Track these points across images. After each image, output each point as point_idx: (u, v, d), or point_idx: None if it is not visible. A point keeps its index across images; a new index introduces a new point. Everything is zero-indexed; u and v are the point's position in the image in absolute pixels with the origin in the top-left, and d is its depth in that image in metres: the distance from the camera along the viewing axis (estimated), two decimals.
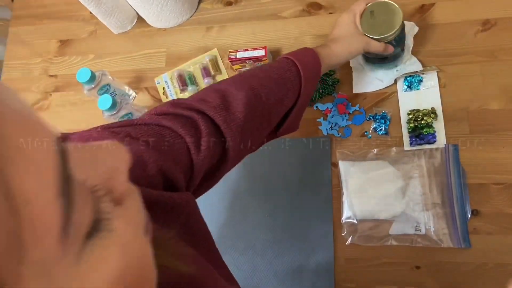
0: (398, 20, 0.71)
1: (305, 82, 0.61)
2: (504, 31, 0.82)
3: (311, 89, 0.64)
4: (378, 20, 0.72)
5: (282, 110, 0.62)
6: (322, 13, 0.93)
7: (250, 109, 0.54)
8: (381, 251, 0.76)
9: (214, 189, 0.85)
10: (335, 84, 0.86)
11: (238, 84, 0.57)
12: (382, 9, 0.72)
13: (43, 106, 1.02)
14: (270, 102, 0.58)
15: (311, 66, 0.63)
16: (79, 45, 1.05)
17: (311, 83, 0.63)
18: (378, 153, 0.80)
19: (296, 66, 0.61)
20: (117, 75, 0.98)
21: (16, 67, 1.08)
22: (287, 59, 0.63)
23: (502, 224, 0.73)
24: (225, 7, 0.99)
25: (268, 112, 0.58)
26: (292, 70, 0.61)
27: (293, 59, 0.62)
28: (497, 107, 0.78)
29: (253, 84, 0.57)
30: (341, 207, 0.79)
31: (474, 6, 0.84)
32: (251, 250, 0.81)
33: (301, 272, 0.78)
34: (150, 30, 1.02)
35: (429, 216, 0.75)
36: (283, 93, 0.60)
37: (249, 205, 0.84)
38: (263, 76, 0.60)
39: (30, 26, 1.10)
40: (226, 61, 0.94)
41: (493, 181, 0.75)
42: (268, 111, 0.58)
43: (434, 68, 0.81)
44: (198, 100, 0.52)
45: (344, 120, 0.84)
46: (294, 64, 0.62)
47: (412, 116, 0.80)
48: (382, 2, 0.73)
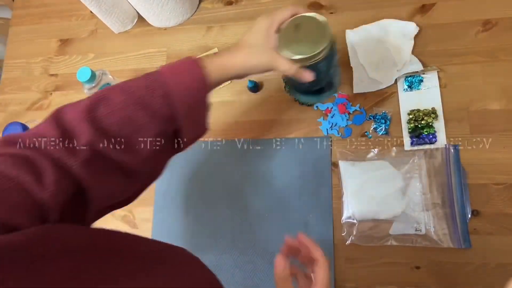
0: (323, 42, 0.56)
1: (179, 105, 0.51)
2: (505, 32, 0.82)
3: (196, 109, 0.53)
4: (301, 37, 0.58)
5: (146, 135, 0.51)
6: (323, 12, 0.93)
7: (95, 140, 0.47)
8: (381, 251, 0.76)
9: (214, 189, 0.86)
10: None
11: (84, 112, 0.48)
12: (310, 25, 0.58)
13: (43, 105, 1.02)
14: (124, 132, 0.49)
15: (187, 85, 0.51)
16: (80, 44, 1.05)
17: (189, 104, 0.52)
18: (378, 153, 0.80)
19: (165, 85, 0.50)
20: (118, 74, 0.98)
21: (17, 66, 1.08)
22: (154, 76, 0.51)
23: (503, 225, 0.73)
24: (225, 7, 0.99)
25: (123, 142, 0.49)
26: (155, 93, 0.50)
27: (162, 78, 0.51)
28: (497, 107, 0.78)
29: (101, 112, 0.48)
30: (341, 207, 0.79)
31: (475, 6, 0.84)
32: (251, 250, 0.81)
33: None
34: (150, 30, 1.02)
35: (429, 216, 0.75)
36: (142, 122, 0.50)
37: (249, 204, 0.83)
38: (118, 102, 0.49)
39: (31, 25, 1.11)
40: None
41: (494, 181, 0.75)
42: (120, 141, 0.49)
43: (435, 68, 0.81)
44: (34, 135, 0.46)
45: (344, 120, 0.84)
46: (162, 84, 0.50)
47: (412, 116, 0.80)
48: (311, 17, 0.59)
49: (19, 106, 1.04)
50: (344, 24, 0.90)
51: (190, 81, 0.51)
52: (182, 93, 0.51)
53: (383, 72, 0.85)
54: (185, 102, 0.51)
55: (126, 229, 0.87)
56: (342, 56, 0.88)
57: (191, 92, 0.51)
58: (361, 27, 0.89)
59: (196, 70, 0.52)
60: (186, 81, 0.51)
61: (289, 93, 0.64)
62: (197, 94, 0.52)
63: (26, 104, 1.03)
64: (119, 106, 0.49)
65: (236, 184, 0.85)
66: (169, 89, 0.50)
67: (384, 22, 0.88)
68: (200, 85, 0.52)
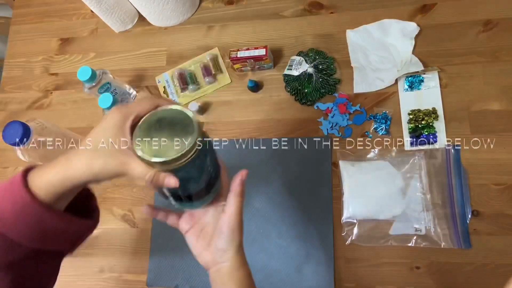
0: (190, 141, 0.44)
1: (11, 234, 0.43)
2: (506, 32, 0.82)
3: (40, 231, 0.44)
4: (163, 134, 0.46)
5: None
6: (323, 12, 0.93)
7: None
8: (381, 251, 0.76)
9: None
10: (336, 83, 0.86)
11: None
12: (175, 120, 0.47)
13: (43, 105, 1.02)
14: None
15: (11, 211, 0.43)
16: (80, 44, 1.05)
17: (23, 231, 0.43)
18: (378, 153, 0.80)
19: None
20: (118, 73, 0.98)
21: (17, 65, 1.08)
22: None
23: (502, 225, 0.73)
24: (226, 6, 0.99)
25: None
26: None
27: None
28: (498, 107, 0.78)
29: None
30: (341, 207, 0.79)
31: (476, 7, 0.84)
32: (251, 250, 0.81)
33: (301, 272, 0.78)
34: (151, 29, 1.02)
35: (429, 217, 0.75)
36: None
37: (249, 204, 0.83)
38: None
39: (31, 24, 1.11)
40: (227, 60, 0.94)
41: (494, 182, 0.75)
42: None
43: (435, 68, 0.81)
44: None
45: (344, 120, 0.84)
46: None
47: (413, 116, 0.80)
48: (177, 110, 0.47)
49: (19, 105, 1.04)
50: (345, 24, 0.90)
51: (11, 206, 0.43)
52: (9, 221, 0.43)
53: (383, 72, 0.85)
54: (16, 229, 0.43)
55: (126, 228, 0.87)
56: (342, 56, 0.88)
57: (19, 218, 0.43)
58: (362, 27, 0.89)
59: (18, 190, 0.43)
60: (8, 207, 0.43)
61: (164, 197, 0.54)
62: (26, 217, 0.43)
63: (26, 103, 1.03)
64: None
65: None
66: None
67: (385, 22, 0.88)
68: (27, 208, 0.43)
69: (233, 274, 0.53)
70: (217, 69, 0.93)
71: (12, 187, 0.43)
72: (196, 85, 0.93)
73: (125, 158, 0.44)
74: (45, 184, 0.44)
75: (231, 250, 0.53)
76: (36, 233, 0.44)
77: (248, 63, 0.89)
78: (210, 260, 0.53)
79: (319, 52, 0.89)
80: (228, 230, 0.52)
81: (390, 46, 0.86)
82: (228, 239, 0.52)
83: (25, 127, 0.75)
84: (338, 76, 0.87)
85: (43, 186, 0.43)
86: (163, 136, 0.45)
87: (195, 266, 0.82)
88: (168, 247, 0.85)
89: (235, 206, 0.53)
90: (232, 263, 0.53)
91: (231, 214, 0.53)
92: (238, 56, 0.87)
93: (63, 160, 0.45)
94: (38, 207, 0.43)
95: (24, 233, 0.43)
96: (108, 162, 0.44)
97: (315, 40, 0.91)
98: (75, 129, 0.89)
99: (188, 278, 0.82)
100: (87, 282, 0.86)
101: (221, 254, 0.53)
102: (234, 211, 0.53)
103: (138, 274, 0.85)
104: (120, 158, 0.44)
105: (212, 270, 0.54)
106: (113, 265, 0.87)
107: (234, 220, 0.53)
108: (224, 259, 0.53)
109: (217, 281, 0.53)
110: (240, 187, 0.53)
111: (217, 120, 0.91)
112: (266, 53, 0.85)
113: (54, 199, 0.44)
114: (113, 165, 0.44)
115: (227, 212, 0.53)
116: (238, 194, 0.53)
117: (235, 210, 0.53)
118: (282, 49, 0.92)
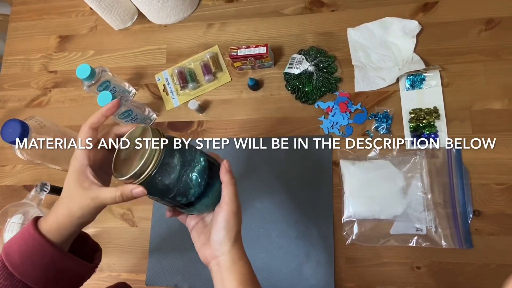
0: (149, 153, 0.47)
1: (25, 277, 0.49)
2: (508, 31, 0.81)
3: (54, 273, 0.50)
4: (130, 154, 0.49)
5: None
6: (324, 10, 0.92)
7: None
8: (382, 251, 0.76)
9: None
10: (337, 82, 0.86)
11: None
12: (139, 137, 0.50)
13: (42, 102, 1.02)
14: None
15: (27, 255, 0.49)
16: (79, 41, 1.05)
17: (38, 275, 0.49)
18: (379, 152, 0.80)
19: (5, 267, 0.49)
20: (117, 71, 0.97)
21: (16, 62, 1.07)
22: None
23: (504, 225, 0.72)
24: (226, 4, 0.98)
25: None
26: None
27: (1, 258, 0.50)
28: (500, 107, 0.78)
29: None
30: (342, 206, 0.79)
31: (478, 5, 0.84)
32: (251, 249, 0.80)
33: (301, 271, 0.77)
34: (150, 27, 1.01)
35: (430, 216, 0.74)
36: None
37: (249, 204, 0.83)
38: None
39: (30, 22, 1.10)
40: (227, 58, 0.93)
41: (495, 182, 0.75)
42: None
43: (437, 67, 0.81)
44: None
45: (345, 119, 0.83)
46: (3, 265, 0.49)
47: (414, 115, 0.79)
48: (141, 127, 0.51)
49: (18, 103, 1.03)
50: (346, 22, 0.90)
51: (27, 250, 0.49)
52: (25, 267, 0.49)
53: (385, 70, 0.84)
54: (33, 274, 0.49)
55: (125, 227, 0.87)
56: (343, 54, 0.88)
57: (33, 262, 0.49)
58: (363, 25, 0.88)
59: (29, 236, 0.50)
60: (24, 254, 0.49)
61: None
62: (41, 260, 0.49)
63: (25, 101, 1.03)
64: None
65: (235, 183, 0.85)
66: (11, 267, 0.48)
67: (386, 20, 0.87)
68: (41, 251, 0.49)
69: (232, 268, 0.52)
70: (217, 67, 0.93)
71: (24, 234, 0.50)
72: (196, 83, 0.93)
73: (92, 193, 0.49)
74: (50, 228, 0.50)
75: (227, 243, 0.52)
76: (50, 276, 0.50)
77: (249, 61, 0.88)
78: (209, 254, 0.53)
79: (320, 51, 0.88)
80: (222, 220, 0.52)
81: (391, 45, 0.86)
82: (223, 230, 0.52)
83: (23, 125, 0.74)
84: (339, 75, 0.87)
85: (49, 230, 0.50)
86: (130, 155, 0.49)
87: (194, 265, 0.82)
88: (167, 246, 0.84)
89: (227, 196, 0.53)
90: (230, 256, 0.52)
91: (224, 204, 0.53)
92: (238, 54, 0.86)
93: (56, 210, 0.51)
94: (51, 248, 0.49)
95: (40, 278, 0.49)
96: (81, 204, 0.49)
97: (316, 38, 0.91)
98: (74, 127, 0.88)
99: (187, 277, 0.82)
100: (86, 281, 0.86)
101: (218, 247, 0.52)
102: (227, 200, 0.52)
103: (137, 273, 0.85)
104: (89, 195, 0.49)
105: (211, 264, 0.53)
106: (112, 264, 0.86)
107: (228, 210, 0.52)
108: (221, 252, 0.52)
109: (216, 275, 0.53)
110: (226, 177, 0.53)
111: (217, 118, 0.91)
112: (267, 51, 0.85)
113: (63, 242, 0.51)
114: (87, 204, 0.49)
115: (221, 203, 0.53)
116: (227, 184, 0.53)
117: (228, 199, 0.52)
118: (282, 47, 0.92)
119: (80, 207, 0.49)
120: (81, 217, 0.50)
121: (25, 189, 0.96)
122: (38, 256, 0.49)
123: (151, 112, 0.92)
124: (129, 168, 0.48)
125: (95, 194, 0.49)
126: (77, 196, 0.49)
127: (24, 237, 0.50)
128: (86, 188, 0.49)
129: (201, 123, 0.91)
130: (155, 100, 0.95)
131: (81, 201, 0.49)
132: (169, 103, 0.94)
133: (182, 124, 0.92)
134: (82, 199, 0.49)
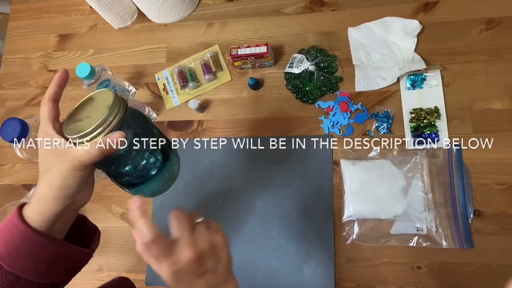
0: (112, 107, 0.48)
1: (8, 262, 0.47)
2: (509, 30, 0.81)
3: (35, 257, 0.48)
4: (84, 116, 0.51)
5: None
6: (324, 9, 0.92)
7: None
8: (382, 251, 0.76)
9: (214, 188, 0.85)
10: (338, 82, 0.86)
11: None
12: (89, 103, 0.53)
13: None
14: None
15: (9, 241, 0.47)
16: (79, 40, 1.04)
17: (18, 257, 0.47)
18: (379, 152, 0.80)
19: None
20: (117, 70, 0.97)
21: (15, 61, 1.07)
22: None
23: (505, 225, 0.72)
24: (226, 3, 0.98)
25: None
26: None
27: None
28: (500, 106, 0.77)
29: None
30: (342, 206, 0.78)
31: (479, 5, 0.84)
32: (251, 249, 0.81)
33: (301, 271, 0.77)
34: (150, 26, 1.01)
35: (430, 216, 0.74)
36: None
37: (250, 203, 0.83)
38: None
39: (30, 20, 1.10)
40: (227, 57, 0.93)
41: (496, 181, 0.74)
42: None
43: (438, 67, 0.81)
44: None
45: (346, 119, 0.83)
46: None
47: (414, 115, 0.79)
48: (90, 97, 0.54)
49: (17, 102, 1.03)
50: (347, 21, 0.89)
51: (12, 240, 0.47)
52: (13, 258, 0.47)
53: (385, 70, 0.84)
54: (20, 263, 0.47)
55: (125, 226, 0.87)
56: (344, 54, 0.88)
57: (20, 252, 0.47)
58: (364, 24, 0.88)
59: (14, 221, 0.47)
60: (9, 245, 0.47)
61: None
62: (27, 249, 0.47)
63: (24, 100, 1.03)
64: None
65: (235, 182, 0.85)
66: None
67: (387, 19, 0.87)
68: (23, 232, 0.47)
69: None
70: (218, 67, 0.93)
71: (8, 224, 0.47)
72: (196, 82, 0.93)
73: (69, 155, 0.47)
74: (32, 215, 0.47)
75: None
76: (42, 265, 0.48)
77: (249, 61, 0.88)
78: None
79: (321, 50, 0.88)
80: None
81: (392, 44, 0.85)
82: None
83: (23, 124, 0.74)
84: (340, 74, 0.87)
85: (33, 215, 0.47)
86: (85, 117, 0.49)
87: None
88: None
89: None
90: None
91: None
92: (238, 53, 0.86)
93: (37, 190, 0.48)
94: (36, 236, 0.46)
95: (30, 268, 0.47)
96: (60, 170, 0.47)
97: (316, 38, 0.90)
98: None
99: None
100: (86, 280, 0.86)
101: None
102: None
103: (137, 273, 0.85)
104: (66, 159, 0.46)
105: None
106: (111, 263, 0.86)
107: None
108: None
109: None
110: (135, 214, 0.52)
111: (217, 118, 0.90)
112: (267, 50, 0.84)
113: (48, 227, 0.48)
114: (65, 168, 0.47)
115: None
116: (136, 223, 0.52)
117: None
118: (283, 46, 0.92)
119: (59, 173, 0.47)
120: (61, 188, 0.47)
121: (24, 188, 0.95)
122: (24, 245, 0.46)
123: (151, 111, 0.92)
124: (92, 121, 0.47)
125: (71, 155, 0.47)
126: (54, 164, 0.47)
127: (8, 227, 0.47)
128: (61, 154, 0.47)
129: (201, 122, 0.91)
130: (155, 99, 0.95)
131: (59, 167, 0.47)
132: (169, 102, 0.94)
133: (182, 123, 0.92)
134: (60, 165, 0.47)
